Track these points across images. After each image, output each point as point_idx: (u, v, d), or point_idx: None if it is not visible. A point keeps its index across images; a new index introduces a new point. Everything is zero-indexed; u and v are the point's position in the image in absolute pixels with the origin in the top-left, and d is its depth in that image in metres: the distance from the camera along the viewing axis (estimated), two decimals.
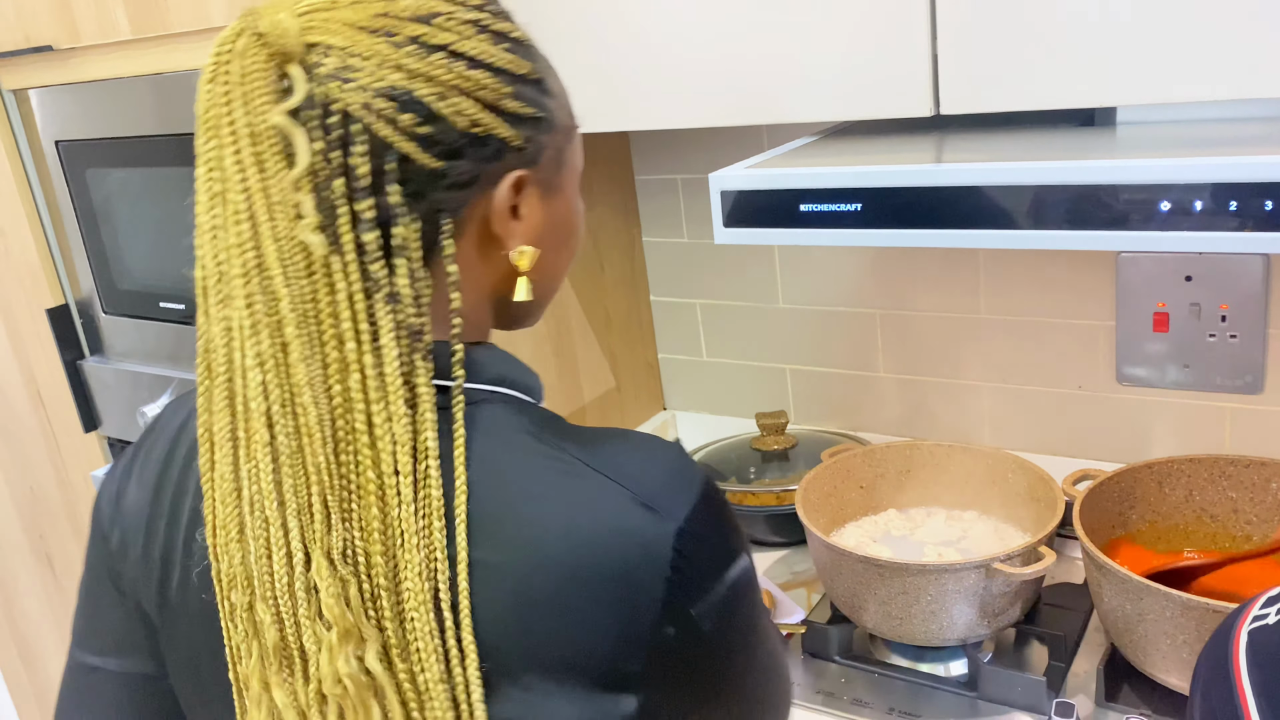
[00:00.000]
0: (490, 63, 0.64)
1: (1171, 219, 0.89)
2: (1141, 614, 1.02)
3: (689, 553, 0.62)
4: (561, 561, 0.61)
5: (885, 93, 1.11)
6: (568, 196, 0.72)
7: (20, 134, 1.52)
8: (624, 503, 0.62)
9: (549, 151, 0.69)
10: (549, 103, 0.68)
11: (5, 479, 1.86)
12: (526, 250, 0.68)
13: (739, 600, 0.66)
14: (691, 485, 0.64)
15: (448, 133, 0.62)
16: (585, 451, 0.64)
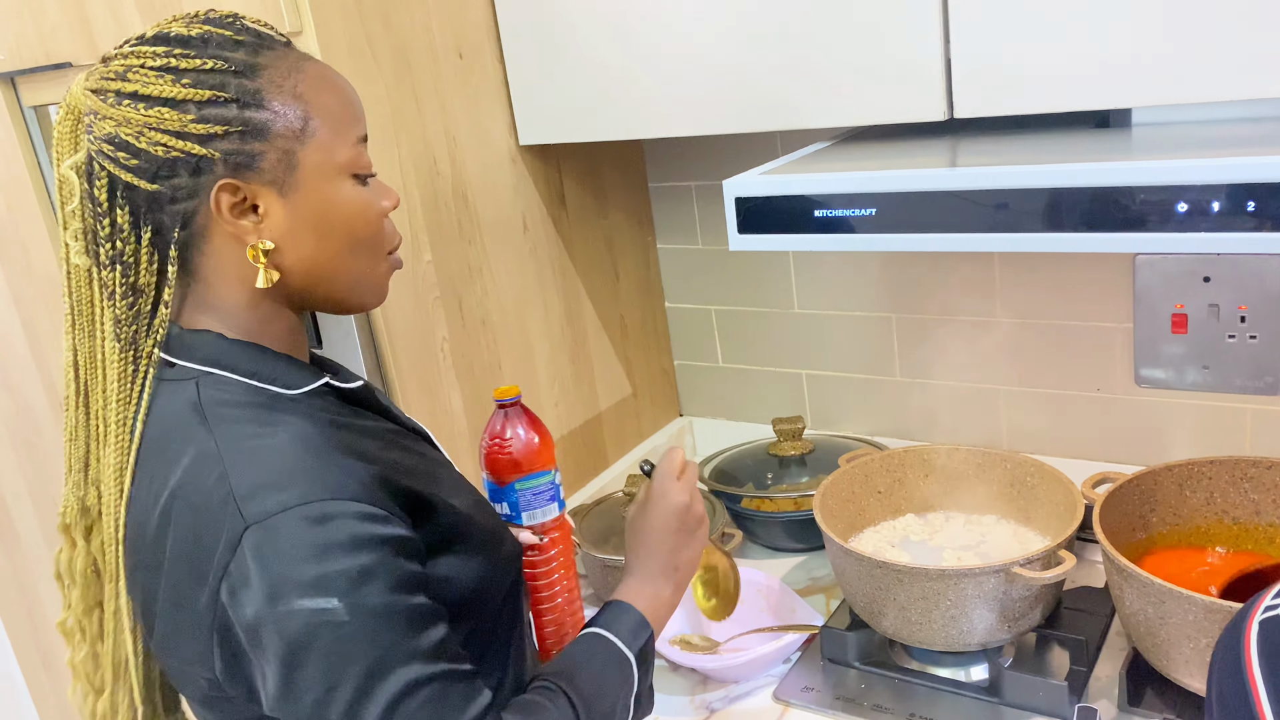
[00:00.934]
0: (170, 97, 0.79)
1: (1189, 220, 0.88)
2: (1164, 617, 1.02)
3: (253, 553, 0.74)
4: (165, 511, 0.80)
5: (898, 98, 1.11)
6: (315, 192, 0.82)
7: (41, 150, 1.53)
8: (220, 478, 0.77)
9: (270, 156, 0.80)
10: (255, 115, 0.80)
11: (28, 490, 1.88)
12: (260, 244, 0.81)
13: (304, 633, 0.73)
14: (287, 498, 0.75)
15: (152, 161, 0.79)
16: (217, 433, 0.79)
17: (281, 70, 0.81)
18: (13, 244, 1.62)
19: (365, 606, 0.74)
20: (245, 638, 0.76)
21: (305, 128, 0.81)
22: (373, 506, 0.77)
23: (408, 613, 0.76)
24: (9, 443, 1.85)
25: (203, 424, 0.80)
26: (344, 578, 0.74)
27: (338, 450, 0.79)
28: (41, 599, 2.01)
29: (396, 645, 0.75)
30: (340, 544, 0.74)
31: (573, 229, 1.57)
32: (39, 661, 2.12)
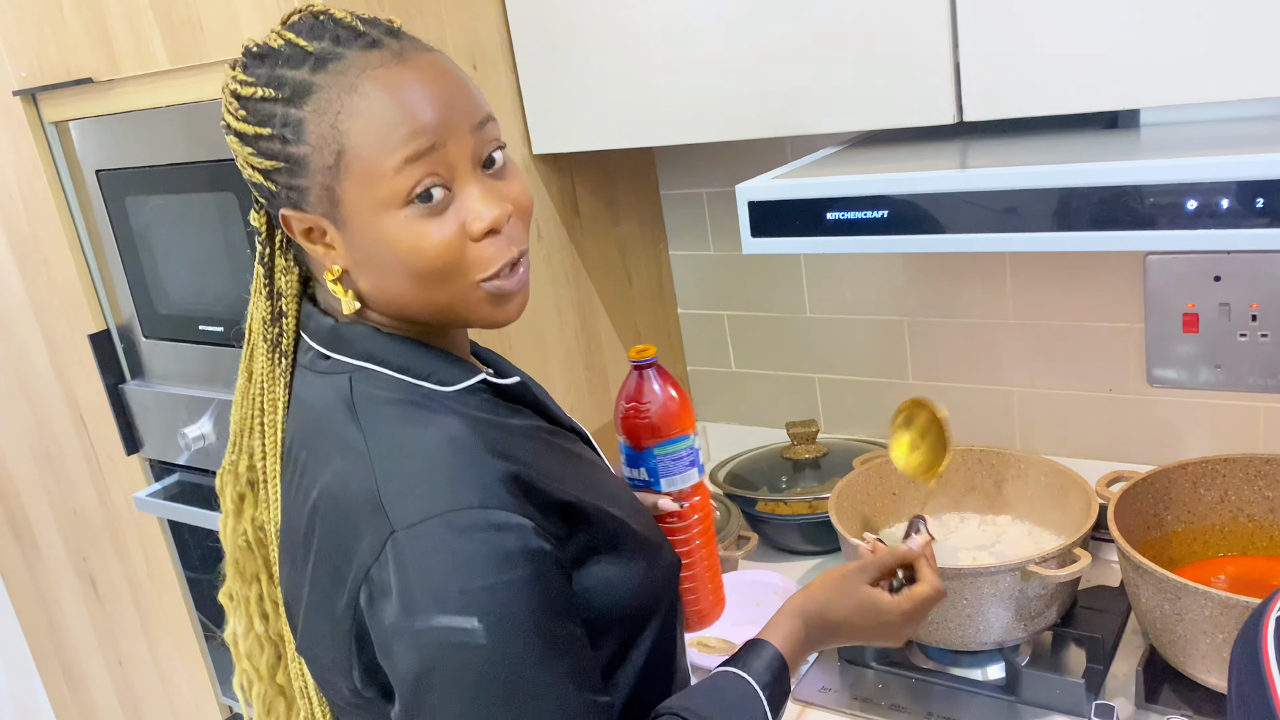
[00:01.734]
0: (234, 128, 0.80)
1: (1199, 218, 0.89)
2: (1180, 613, 1.02)
3: (395, 560, 0.71)
4: (314, 509, 0.79)
5: (908, 102, 1.12)
6: (363, 228, 0.77)
7: (62, 164, 1.56)
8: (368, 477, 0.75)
9: (314, 191, 0.77)
10: (295, 150, 0.76)
11: (49, 502, 1.90)
12: (333, 269, 0.80)
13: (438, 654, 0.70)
14: (434, 504, 0.72)
15: (249, 184, 0.81)
16: (368, 431, 0.77)
17: (334, 91, 0.75)
18: (34, 258, 1.64)
19: (508, 629, 0.70)
20: (378, 647, 0.73)
21: (340, 162, 0.75)
22: (521, 517, 0.72)
23: (549, 638, 0.72)
24: (29, 454, 1.87)
25: (353, 420, 0.78)
26: (487, 596, 0.70)
27: (488, 453, 0.75)
28: (62, 609, 2.03)
29: (534, 675, 0.71)
30: (486, 558, 0.70)
31: (586, 237, 1.58)
32: (59, 671, 2.14)
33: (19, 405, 1.82)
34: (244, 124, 0.78)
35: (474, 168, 0.77)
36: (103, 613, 1.95)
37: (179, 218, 1.45)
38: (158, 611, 1.85)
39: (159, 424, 1.63)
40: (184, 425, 1.57)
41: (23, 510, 1.96)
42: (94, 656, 2.03)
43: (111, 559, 1.86)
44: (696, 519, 1.06)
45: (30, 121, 1.53)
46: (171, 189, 1.44)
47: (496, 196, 0.77)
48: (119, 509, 1.78)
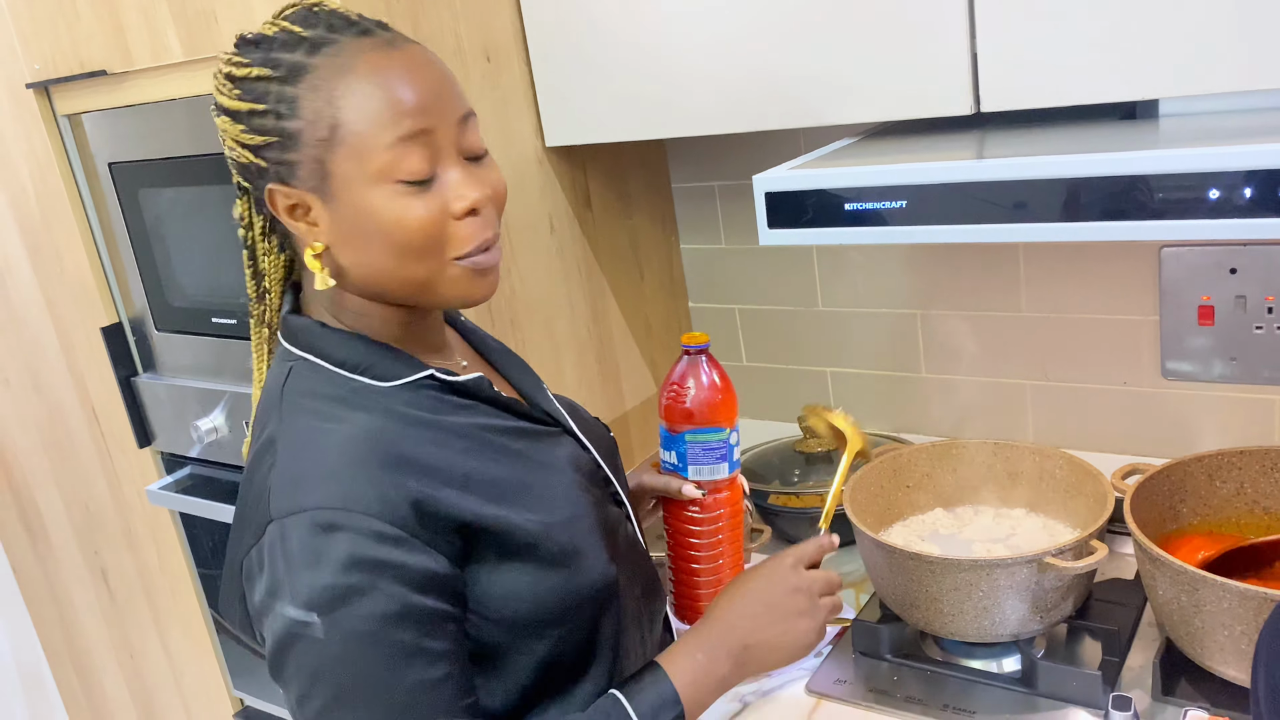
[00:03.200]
0: (226, 106, 0.82)
1: (1217, 207, 0.89)
2: (1198, 605, 1.02)
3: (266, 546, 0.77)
4: (242, 483, 0.85)
5: (925, 93, 1.12)
6: (352, 202, 0.80)
7: (74, 157, 1.56)
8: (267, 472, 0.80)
9: (305, 166, 0.80)
10: (288, 125, 0.79)
11: (61, 495, 1.90)
12: (314, 247, 0.83)
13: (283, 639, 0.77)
14: (306, 500, 0.76)
15: (234, 164, 0.84)
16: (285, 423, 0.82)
17: (328, 71, 0.79)
18: (47, 250, 1.64)
19: (343, 629, 0.74)
20: (254, 618, 0.81)
21: (335, 135, 0.79)
22: (389, 526, 0.75)
23: (394, 646, 0.75)
24: (41, 447, 1.87)
25: (278, 409, 0.83)
26: (329, 594, 0.74)
27: (386, 457, 0.78)
28: (74, 602, 2.03)
29: (374, 677, 0.74)
30: (337, 559, 0.74)
31: (598, 230, 1.58)
32: (70, 664, 2.14)
33: (31, 398, 1.83)
34: (237, 101, 0.81)
35: (457, 154, 0.82)
36: (114, 605, 1.95)
37: (192, 210, 1.45)
38: (169, 604, 1.85)
39: (171, 417, 1.63)
40: (196, 418, 1.58)
41: (34, 503, 1.97)
42: (105, 649, 2.04)
43: (123, 552, 1.86)
44: (722, 514, 1.06)
45: (43, 114, 1.53)
46: (184, 181, 1.44)
47: (477, 180, 0.82)
48: (131, 502, 1.78)
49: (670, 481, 1.06)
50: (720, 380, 1.03)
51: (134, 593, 1.90)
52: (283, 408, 0.83)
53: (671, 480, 1.06)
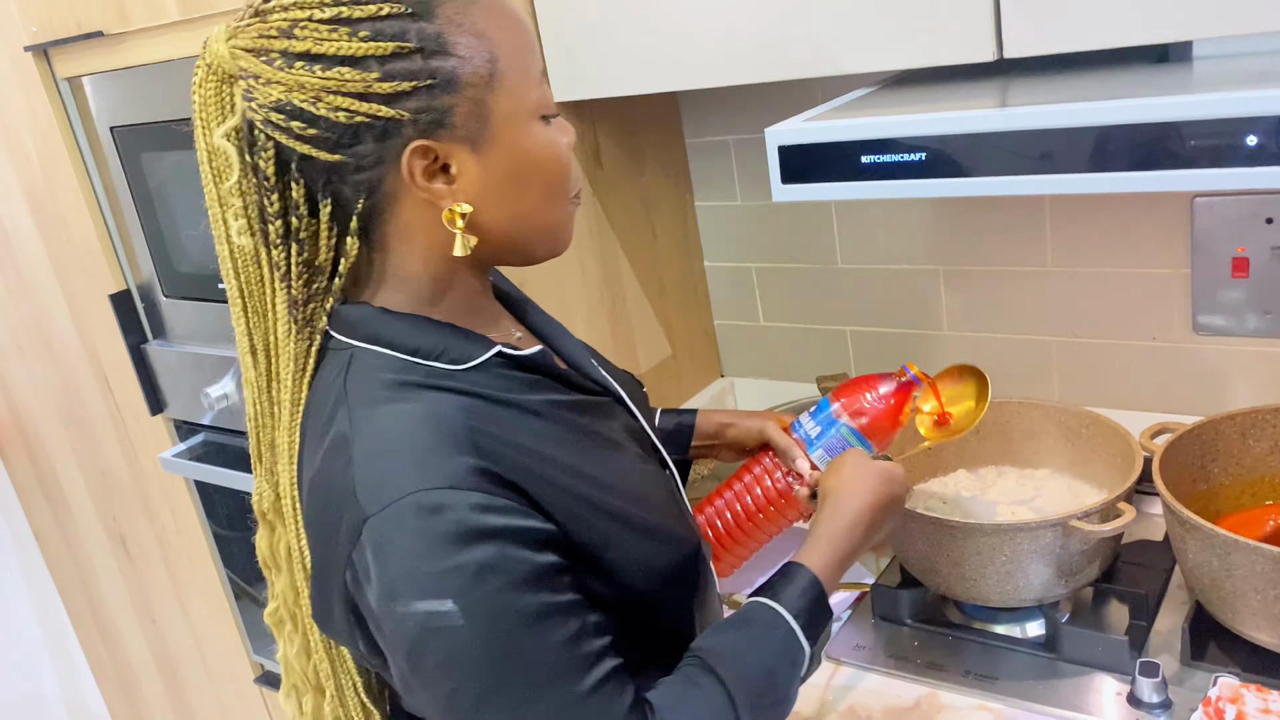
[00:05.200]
0: (349, 55, 0.70)
1: (1257, 154, 0.84)
2: (1229, 570, 0.98)
3: (371, 546, 0.70)
4: (309, 497, 0.78)
5: (945, 39, 1.07)
6: (509, 142, 0.75)
7: (76, 121, 1.53)
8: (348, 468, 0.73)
9: (461, 110, 0.73)
10: (442, 64, 0.71)
11: (78, 464, 1.91)
12: (457, 208, 0.75)
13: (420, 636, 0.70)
14: (404, 484, 0.70)
15: (333, 128, 0.71)
16: (355, 417, 0.74)
17: (457, 3, 0.72)
18: (52, 217, 1.62)
19: (482, 608, 0.69)
20: (372, 625, 0.74)
21: (494, 71, 0.73)
22: (492, 496, 0.71)
23: (531, 612, 0.70)
24: (56, 416, 1.87)
25: (343, 404, 0.75)
26: (458, 576, 0.68)
27: (473, 433, 0.73)
28: (95, 569, 2.04)
29: (520, 648, 0.69)
30: (454, 538, 0.69)
31: (609, 189, 1.54)
32: (95, 630, 2.16)
33: (44, 366, 1.82)
34: (368, 44, 0.70)
35: None
36: (134, 572, 1.96)
37: (195, 174, 1.42)
38: (187, 570, 1.85)
39: (182, 384, 1.62)
40: (207, 385, 1.56)
41: (53, 472, 1.97)
42: (127, 615, 2.05)
43: (140, 519, 1.86)
44: (805, 509, 1.05)
45: (43, 78, 1.51)
46: (186, 145, 1.40)
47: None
48: (146, 469, 1.78)
49: (792, 449, 1.05)
50: (902, 419, 1.05)
51: (153, 559, 1.90)
52: (350, 400, 0.75)
53: (793, 449, 1.05)
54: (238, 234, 0.77)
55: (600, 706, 0.71)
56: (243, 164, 0.74)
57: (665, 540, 0.83)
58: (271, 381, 0.81)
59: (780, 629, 0.81)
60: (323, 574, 0.77)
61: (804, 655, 0.81)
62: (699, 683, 0.77)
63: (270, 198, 0.74)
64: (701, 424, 1.12)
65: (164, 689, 2.10)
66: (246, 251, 0.78)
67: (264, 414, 0.82)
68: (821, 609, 0.84)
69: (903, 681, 1.13)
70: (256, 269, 0.78)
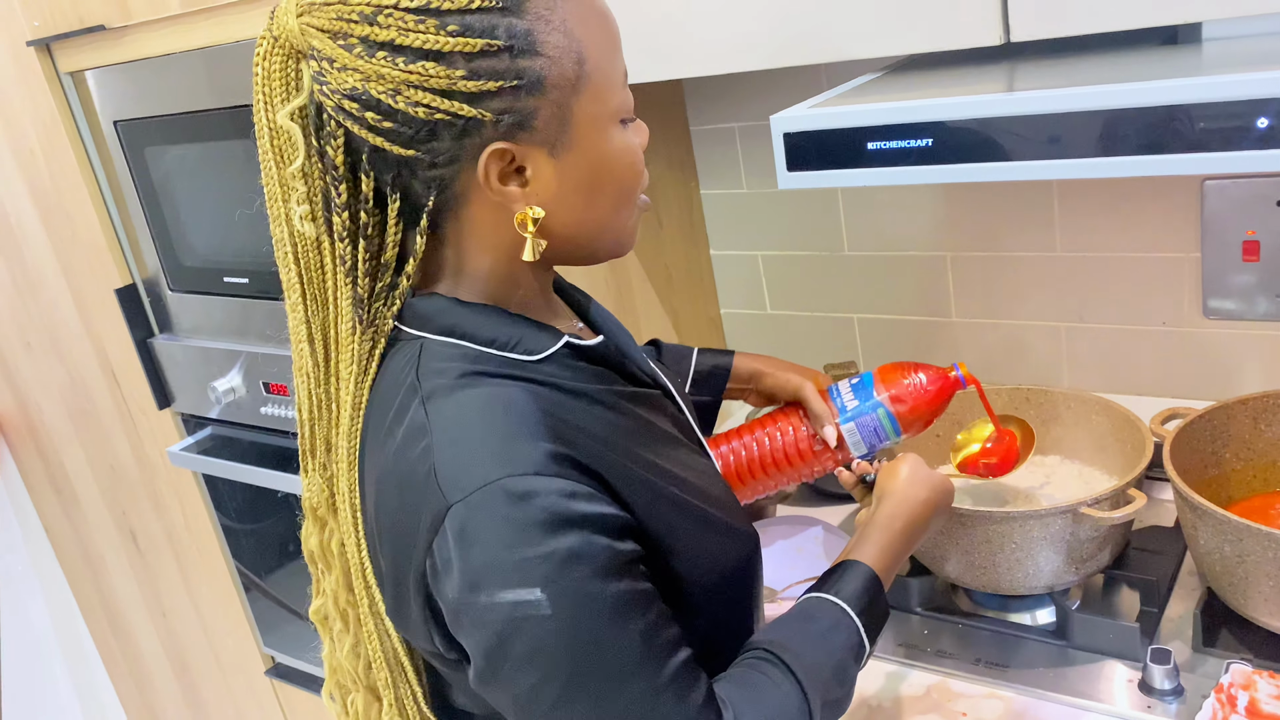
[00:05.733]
0: (435, 49, 0.67)
1: (1270, 136, 0.83)
2: (1242, 556, 0.98)
3: (453, 535, 0.68)
4: (380, 489, 0.75)
5: (951, 22, 1.06)
6: (591, 148, 0.73)
7: (80, 116, 1.53)
8: (427, 457, 0.70)
9: (544, 113, 0.70)
10: (530, 64, 0.68)
11: (87, 458, 1.91)
12: (529, 212, 0.72)
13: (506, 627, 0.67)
14: (488, 472, 0.68)
15: (410, 123, 0.68)
16: (430, 406, 0.72)
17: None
18: (57, 212, 1.62)
19: (570, 596, 0.67)
20: (448, 619, 0.71)
21: (581, 73, 0.70)
22: (576, 483, 0.69)
23: (615, 598, 0.68)
24: (64, 411, 1.87)
25: (417, 395, 0.73)
26: (547, 564, 0.67)
27: (553, 421, 0.72)
28: (106, 563, 2.05)
29: (606, 637, 0.68)
30: (543, 525, 0.67)
31: None
32: (106, 624, 2.17)
33: (52, 361, 1.82)
34: (455, 39, 0.66)
35: None
36: (144, 565, 1.97)
37: (198, 167, 1.42)
38: (197, 564, 1.86)
39: (189, 378, 1.62)
40: (214, 379, 1.56)
41: (62, 467, 1.98)
42: (138, 608, 2.06)
43: (149, 513, 1.87)
44: (817, 467, 1.06)
45: (46, 73, 1.50)
46: (190, 138, 1.41)
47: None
48: (154, 463, 1.78)
49: (825, 415, 1.04)
50: (943, 404, 1.05)
51: (163, 553, 1.91)
52: (423, 390, 0.72)
53: (826, 415, 1.04)
54: (300, 220, 0.73)
55: (678, 696, 0.70)
56: (308, 148, 0.71)
57: (731, 535, 0.82)
58: (330, 377, 0.78)
59: (845, 624, 0.81)
60: (398, 568, 0.74)
61: (865, 652, 0.82)
62: (769, 675, 0.76)
63: (338, 188, 0.71)
64: (738, 367, 1.12)
65: (176, 681, 2.11)
66: (308, 239, 0.74)
67: (320, 408, 0.79)
68: (880, 607, 0.84)
69: (913, 670, 1.12)
70: (318, 257, 0.75)
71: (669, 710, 0.69)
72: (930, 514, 0.92)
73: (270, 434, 1.57)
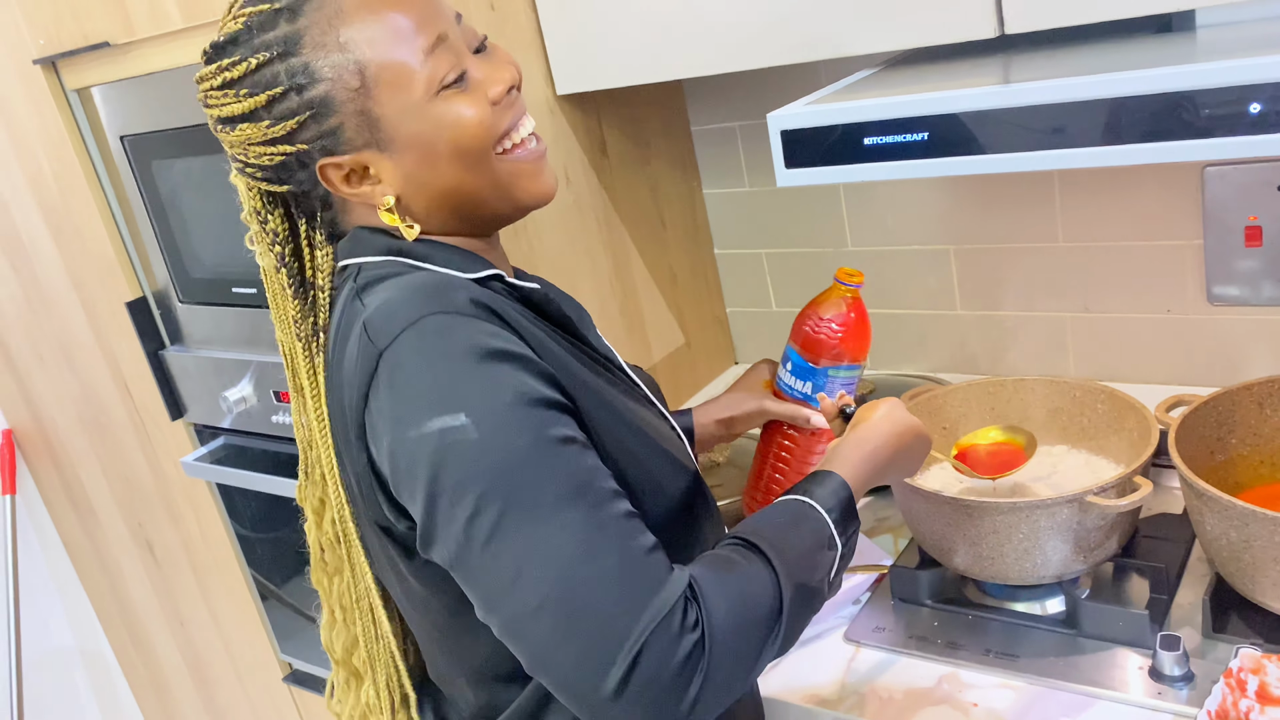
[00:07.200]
0: (242, 113, 0.79)
1: (1265, 121, 0.84)
2: (1248, 541, 0.98)
3: (385, 377, 0.72)
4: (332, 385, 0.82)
5: (945, 16, 1.07)
6: (410, 131, 0.79)
7: (87, 132, 1.55)
8: (359, 327, 0.76)
9: (349, 124, 0.78)
10: (314, 94, 0.77)
11: (102, 471, 1.93)
12: (385, 201, 0.81)
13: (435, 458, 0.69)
14: (411, 313, 0.73)
15: (266, 169, 0.81)
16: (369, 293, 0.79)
17: (322, 25, 0.77)
18: (67, 228, 1.64)
19: (496, 419, 0.69)
20: (390, 473, 0.74)
21: (364, 80, 0.77)
22: (501, 330, 0.74)
23: (544, 428, 0.70)
24: (79, 424, 1.89)
25: (355, 296, 0.80)
26: (470, 387, 0.70)
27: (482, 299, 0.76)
28: (124, 574, 2.07)
29: (539, 469, 0.68)
30: (464, 353, 0.71)
31: (616, 179, 1.54)
32: (126, 635, 2.19)
33: (66, 375, 1.84)
34: (248, 100, 0.78)
35: (468, 50, 0.82)
36: (161, 576, 1.98)
37: (204, 179, 1.44)
38: (214, 573, 1.87)
39: (201, 388, 1.64)
40: (225, 389, 1.58)
41: (78, 479, 2.00)
42: (157, 619, 2.07)
43: (165, 523, 1.88)
44: (825, 446, 1.07)
45: (53, 90, 1.52)
46: (195, 150, 1.42)
47: (498, 63, 0.83)
48: (169, 474, 1.80)
49: (799, 411, 1.05)
50: (865, 320, 1.04)
51: (179, 563, 1.92)
52: (358, 286, 0.80)
53: (800, 410, 1.05)
54: (260, 256, 0.87)
55: (621, 535, 0.69)
56: (247, 200, 0.86)
57: (676, 466, 0.86)
58: (294, 376, 0.88)
59: (814, 518, 0.82)
60: (347, 443, 0.79)
61: (836, 548, 0.81)
62: (737, 553, 0.76)
63: (265, 228, 0.85)
64: (703, 424, 1.14)
65: (195, 690, 2.13)
66: (267, 269, 0.87)
67: (301, 413, 0.89)
68: (850, 511, 0.85)
69: (924, 662, 1.13)
70: (277, 282, 0.87)
71: (610, 546, 0.68)
72: (900, 437, 0.93)
73: (282, 442, 1.58)
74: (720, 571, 0.73)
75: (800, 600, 0.76)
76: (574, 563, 0.67)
